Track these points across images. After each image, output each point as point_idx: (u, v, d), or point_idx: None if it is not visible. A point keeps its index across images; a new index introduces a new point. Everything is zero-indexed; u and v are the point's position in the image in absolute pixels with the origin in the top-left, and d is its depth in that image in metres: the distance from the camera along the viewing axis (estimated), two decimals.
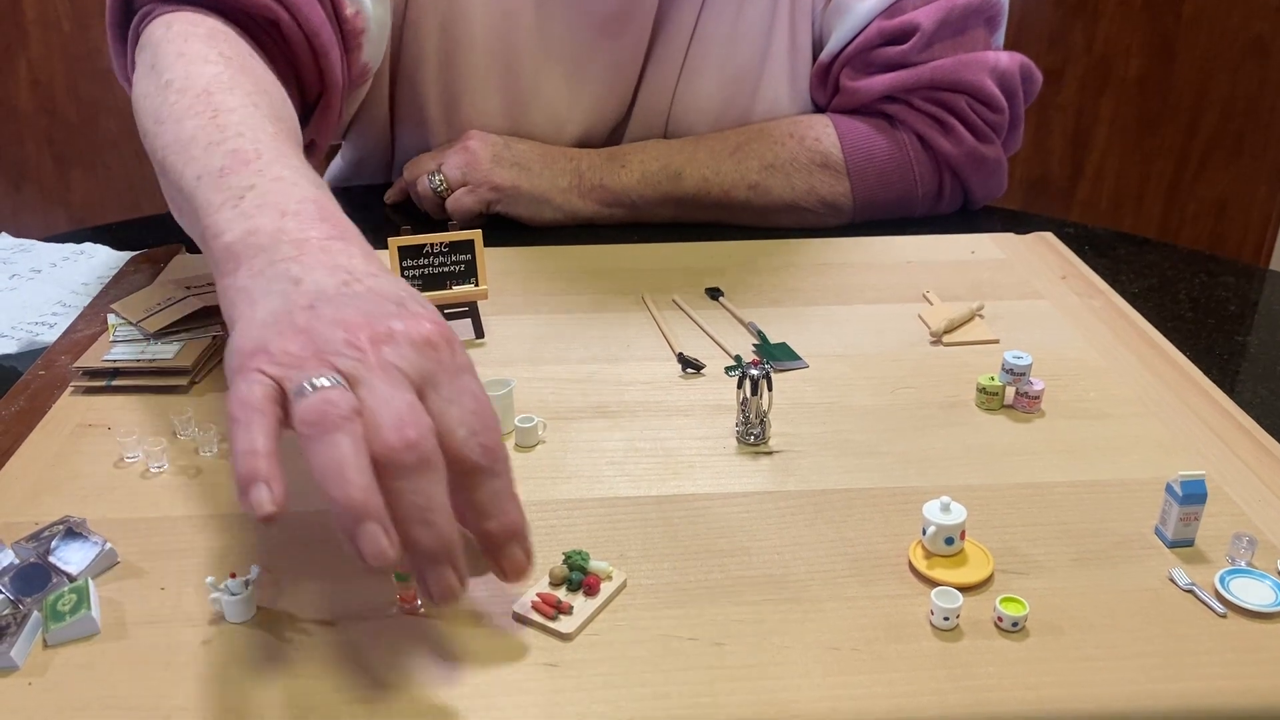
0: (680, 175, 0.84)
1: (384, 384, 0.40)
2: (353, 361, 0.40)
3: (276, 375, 0.40)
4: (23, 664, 0.42)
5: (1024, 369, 0.59)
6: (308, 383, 0.39)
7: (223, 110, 0.56)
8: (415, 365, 0.41)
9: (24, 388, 0.62)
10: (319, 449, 0.38)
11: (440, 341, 0.42)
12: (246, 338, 0.42)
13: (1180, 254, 0.83)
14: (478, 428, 0.41)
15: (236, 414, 0.39)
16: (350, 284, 0.44)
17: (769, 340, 0.67)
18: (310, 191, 0.50)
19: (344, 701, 0.40)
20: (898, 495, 0.52)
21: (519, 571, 0.42)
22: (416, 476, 0.39)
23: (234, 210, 0.49)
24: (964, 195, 0.89)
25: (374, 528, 0.37)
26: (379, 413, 0.39)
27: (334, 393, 0.39)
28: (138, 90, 0.64)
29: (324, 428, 0.38)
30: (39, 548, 0.47)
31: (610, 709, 0.40)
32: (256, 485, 0.38)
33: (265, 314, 0.43)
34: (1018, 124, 0.87)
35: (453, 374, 0.42)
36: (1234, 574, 0.47)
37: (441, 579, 0.39)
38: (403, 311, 0.43)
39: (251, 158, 0.52)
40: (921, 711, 0.40)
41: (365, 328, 0.41)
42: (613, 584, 0.46)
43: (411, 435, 0.38)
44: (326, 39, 0.72)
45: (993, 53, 0.84)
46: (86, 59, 1.82)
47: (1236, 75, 1.89)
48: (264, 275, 0.45)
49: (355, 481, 0.37)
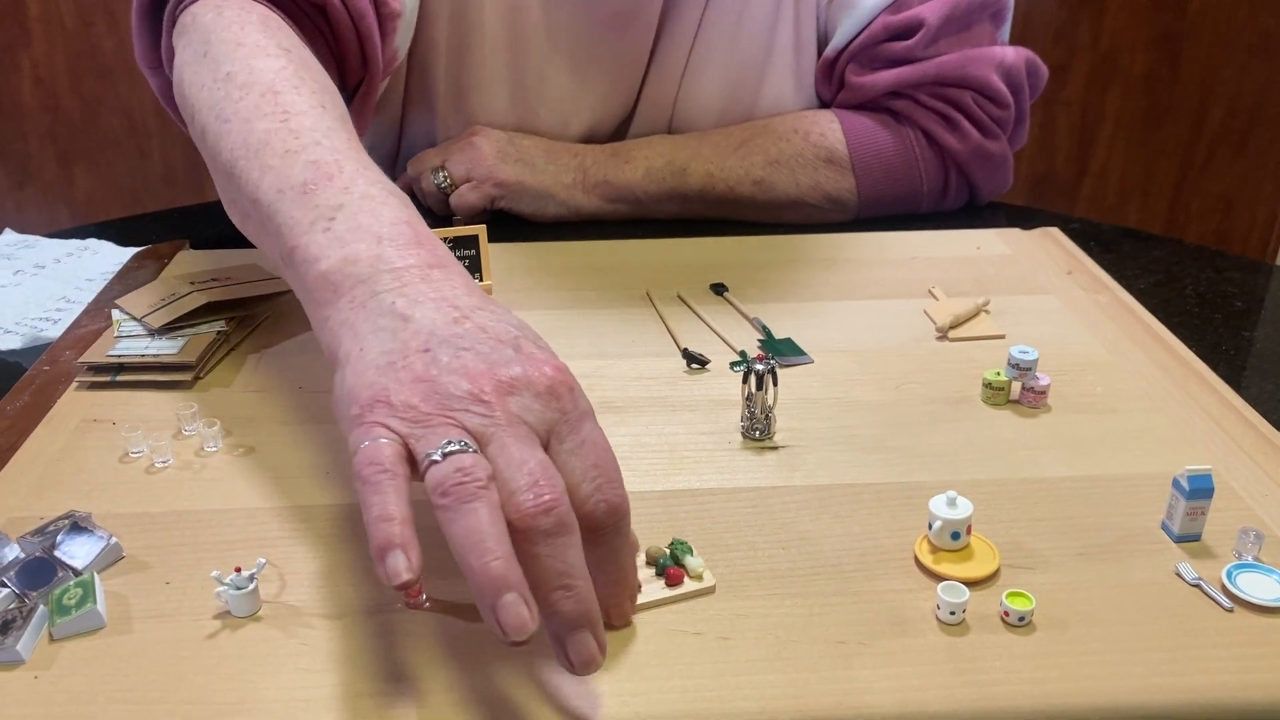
0: (685, 171, 0.84)
1: (515, 443, 0.39)
2: (480, 419, 0.39)
3: (402, 432, 0.40)
4: (28, 658, 0.42)
5: (1030, 364, 0.59)
6: (439, 450, 0.38)
7: (294, 113, 0.54)
8: (540, 417, 0.40)
9: (29, 383, 0.62)
10: (456, 519, 0.37)
11: (563, 389, 0.41)
12: (362, 383, 0.41)
13: (1186, 249, 0.83)
14: (602, 482, 0.40)
15: (366, 475, 0.38)
16: (460, 321, 0.43)
17: (774, 335, 0.67)
18: (401, 212, 0.49)
19: (349, 696, 0.40)
20: (904, 490, 0.52)
21: (624, 618, 0.43)
22: (555, 540, 0.38)
23: (325, 234, 0.47)
24: (970, 191, 0.89)
25: (514, 599, 0.36)
26: (514, 479, 0.38)
27: (467, 459, 0.38)
28: (188, 78, 0.61)
29: (460, 498, 0.37)
30: (44, 542, 0.47)
31: (616, 703, 0.40)
32: (394, 552, 0.37)
33: (378, 355, 0.42)
34: (1023, 119, 0.87)
35: (576, 423, 0.41)
36: (1241, 569, 0.46)
37: (583, 646, 0.38)
38: (521, 356, 0.42)
39: (334, 171, 0.50)
40: (928, 706, 0.40)
41: (488, 377, 0.40)
42: (697, 584, 0.46)
43: (548, 499, 0.38)
44: (371, 23, 0.71)
45: (999, 48, 0.84)
46: (89, 56, 1.82)
47: (1243, 71, 1.88)
48: (367, 309, 0.44)
49: (495, 552, 0.36)
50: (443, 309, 0.43)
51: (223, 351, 0.65)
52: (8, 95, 1.82)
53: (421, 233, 0.48)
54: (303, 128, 0.53)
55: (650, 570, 0.46)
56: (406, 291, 0.44)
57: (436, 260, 0.47)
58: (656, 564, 0.46)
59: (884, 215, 0.87)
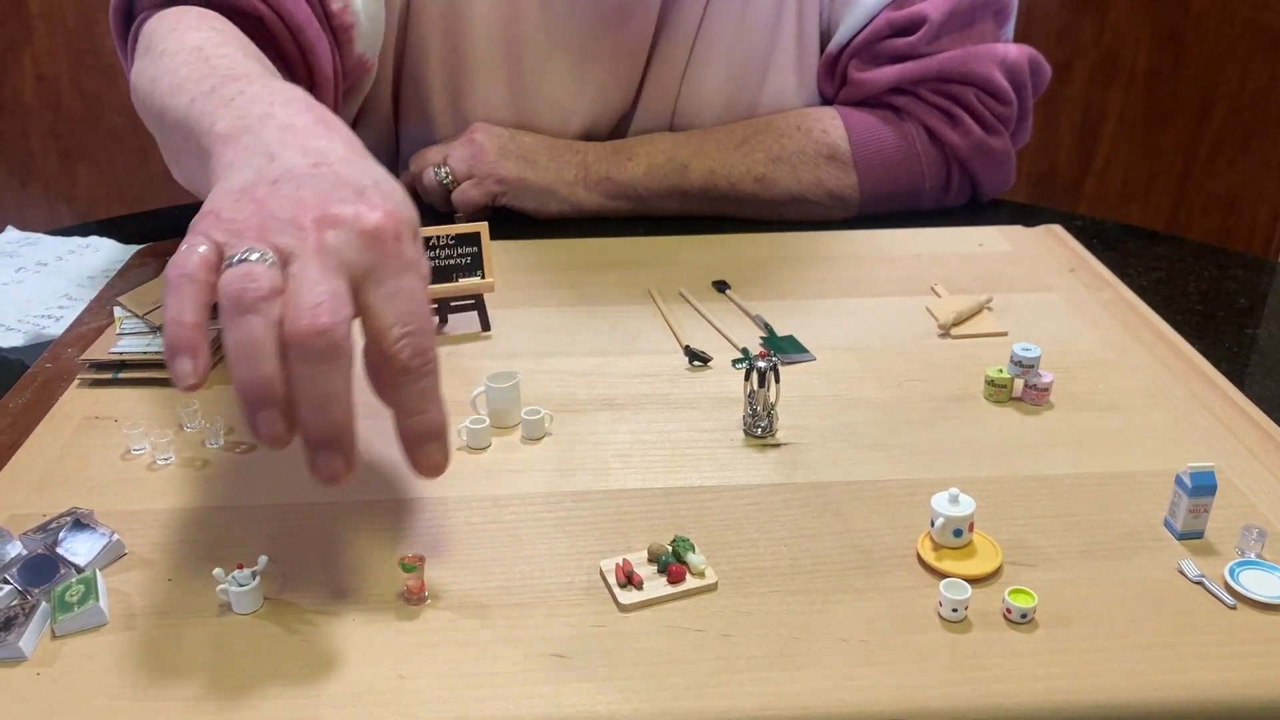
0: (686, 168, 0.84)
1: (315, 267, 0.40)
2: (293, 240, 0.40)
3: (219, 240, 0.41)
4: (31, 654, 0.42)
5: (1033, 361, 0.59)
6: (238, 256, 0.40)
7: (214, 57, 0.57)
8: (356, 257, 0.41)
9: (31, 380, 0.62)
10: (232, 328, 0.39)
11: (388, 235, 0.41)
12: (208, 203, 0.43)
13: (1189, 247, 0.83)
14: (412, 328, 0.41)
15: (171, 278, 0.40)
16: (319, 166, 0.44)
17: (776, 333, 0.67)
18: (300, 92, 0.51)
19: (351, 692, 0.40)
20: (906, 487, 0.52)
21: (435, 468, 0.42)
22: (321, 364, 0.39)
23: (226, 108, 0.50)
24: (972, 188, 0.89)
25: (272, 414, 0.39)
26: (299, 294, 0.39)
27: (258, 268, 0.39)
28: (136, 76, 0.65)
29: (241, 307, 0.39)
30: (47, 539, 0.47)
31: (617, 700, 0.40)
32: (180, 356, 0.39)
33: (234, 184, 0.44)
34: (1026, 116, 0.87)
35: (396, 270, 0.41)
36: (1244, 566, 0.46)
37: (329, 464, 0.40)
38: (360, 199, 0.42)
39: (240, 75, 0.53)
40: (930, 703, 0.40)
41: (315, 209, 0.41)
42: (699, 581, 0.46)
43: (324, 321, 0.38)
44: (313, 34, 0.72)
45: (1001, 45, 0.84)
46: (91, 54, 1.82)
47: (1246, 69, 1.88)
48: (246, 151, 0.46)
49: (260, 368, 0.38)
50: (309, 155, 0.45)
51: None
52: (10, 93, 1.82)
53: (319, 106, 0.50)
54: (220, 64, 0.57)
55: (652, 567, 0.46)
56: (285, 139, 0.46)
57: (326, 125, 0.48)
58: (658, 561, 0.46)
59: (886, 212, 0.87)
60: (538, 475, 0.53)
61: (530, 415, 0.56)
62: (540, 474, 0.53)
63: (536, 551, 0.48)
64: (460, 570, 0.47)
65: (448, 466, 0.43)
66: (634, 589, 0.45)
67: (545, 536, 0.49)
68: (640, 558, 0.46)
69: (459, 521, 0.50)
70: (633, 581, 0.45)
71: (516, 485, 0.53)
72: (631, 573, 0.45)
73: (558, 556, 0.48)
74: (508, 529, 0.49)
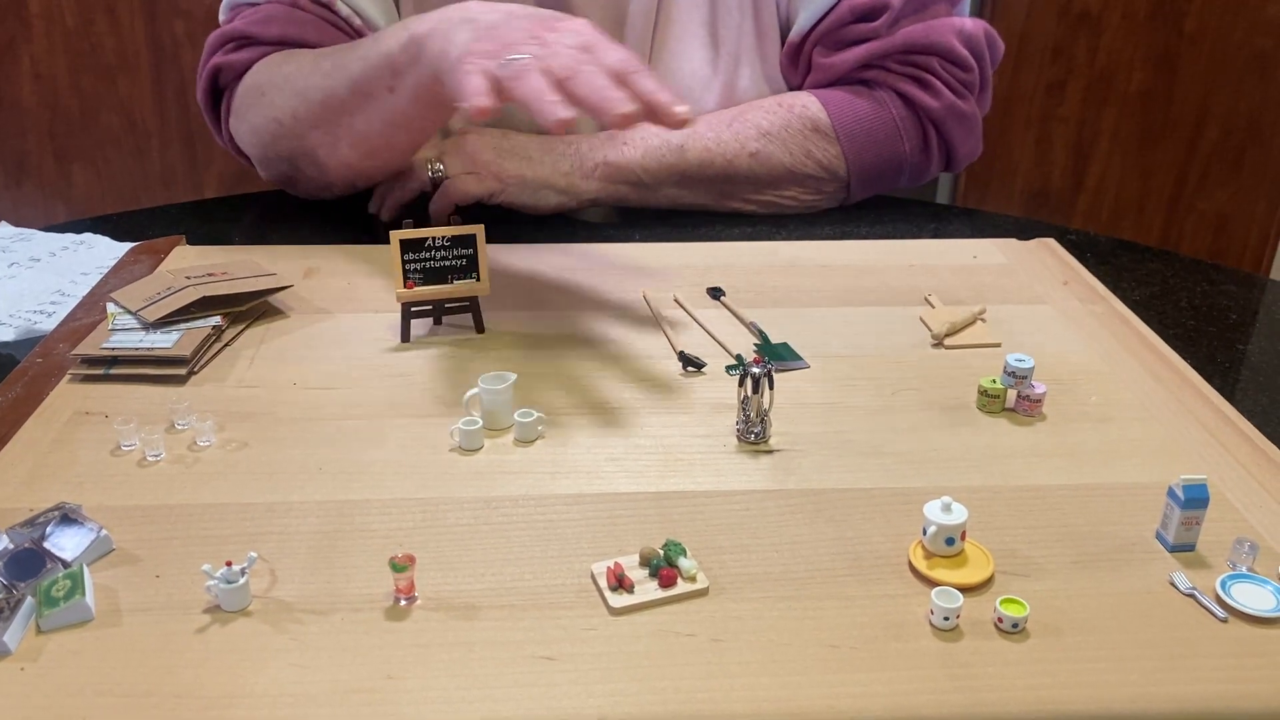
0: (682, 148, 0.86)
1: (559, 49, 0.58)
2: (535, 45, 0.59)
3: (484, 66, 0.59)
4: (16, 649, 0.42)
5: (1026, 372, 0.59)
6: (505, 59, 0.58)
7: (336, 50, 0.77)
8: (580, 40, 0.59)
9: (21, 374, 0.62)
10: (519, 86, 0.57)
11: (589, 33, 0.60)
12: (454, 47, 0.63)
13: (1182, 262, 0.83)
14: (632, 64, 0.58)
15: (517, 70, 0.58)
16: (513, 12, 0.63)
17: (770, 340, 0.67)
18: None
19: (339, 691, 0.40)
20: (898, 495, 0.52)
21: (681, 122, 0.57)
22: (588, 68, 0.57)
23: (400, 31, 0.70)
24: (947, 154, 0.90)
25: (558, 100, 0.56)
26: (557, 56, 0.58)
27: (526, 60, 0.57)
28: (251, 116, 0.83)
29: (522, 77, 0.57)
30: (34, 533, 0.47)
31: (607, 703, 0.40)
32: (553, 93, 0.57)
33: (461, 37, 0.63)
34: (986, 86, 0.90)
35: (607, 44, 0.60)
36: (1235, 579, 0.46)
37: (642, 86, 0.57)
38: (562, 18, 0.62)
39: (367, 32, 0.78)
40: (920, 711, 0.40)
41: (540, 27, 0.60)
42: (690, 586, 0.45)
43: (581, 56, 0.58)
44: None
45: (958, 18, 0.88)
46: (89, 54, 1.81)
47: (1238, 91, 1.89)
48: (444, 20, 0.66)
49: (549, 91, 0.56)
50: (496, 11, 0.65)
51: (217, 346, 0.65)
52: (7, 91, 1.82)
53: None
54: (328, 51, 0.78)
55: (644, 571, 0.46)
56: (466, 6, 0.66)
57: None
58: (650, 565, 0.46)
59: (876, 191, 0.90)
60: (530, 477, 0.53)
61: (523, 418, 0.56)
62: (532, 476, 0.53)
63: (528, 553, 0.48)
64: (451, 571, 0.47)
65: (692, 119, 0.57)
66: (625, 592, 0.45)
67: (537, 539, 0.49)
68: (632, 561, 0.46)
69: (450, 522, 0.50)
70: (624, 585, 0.45)
71: (509, 487, 0.52)
72: (623, 576, 0.45)
73: (549, 559, 0.47)
74: (499, 530, 0.49)
